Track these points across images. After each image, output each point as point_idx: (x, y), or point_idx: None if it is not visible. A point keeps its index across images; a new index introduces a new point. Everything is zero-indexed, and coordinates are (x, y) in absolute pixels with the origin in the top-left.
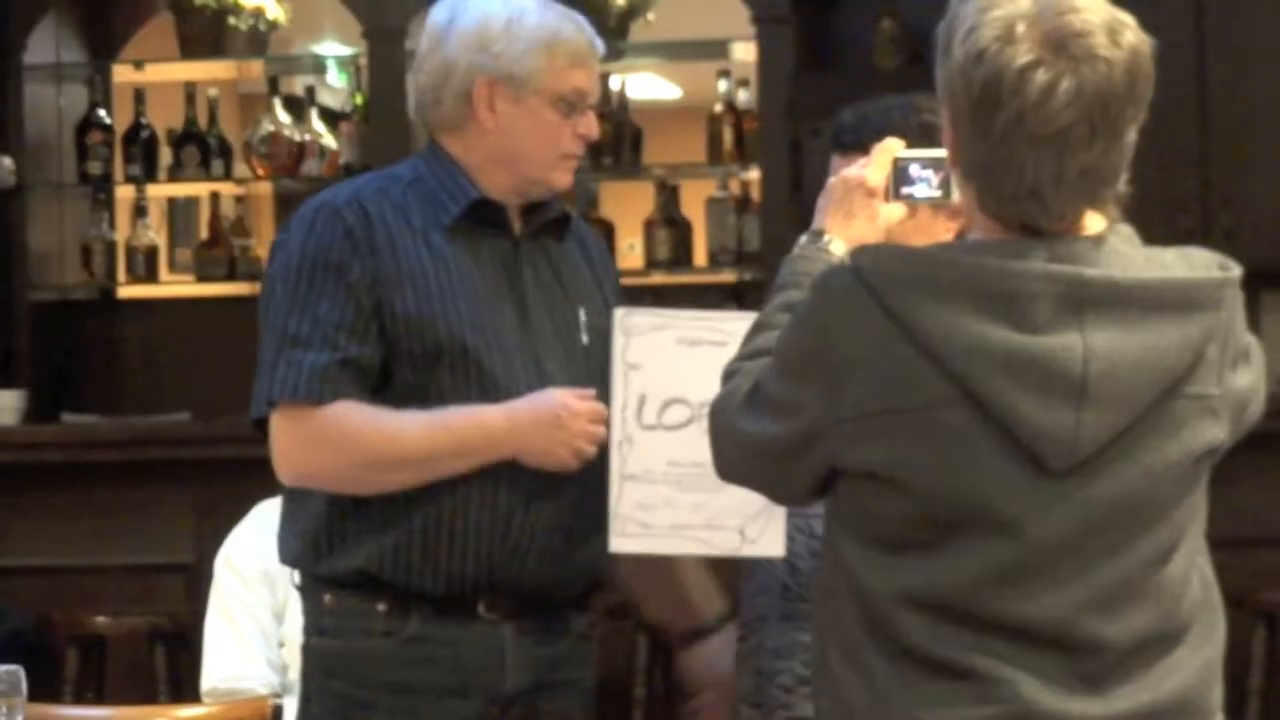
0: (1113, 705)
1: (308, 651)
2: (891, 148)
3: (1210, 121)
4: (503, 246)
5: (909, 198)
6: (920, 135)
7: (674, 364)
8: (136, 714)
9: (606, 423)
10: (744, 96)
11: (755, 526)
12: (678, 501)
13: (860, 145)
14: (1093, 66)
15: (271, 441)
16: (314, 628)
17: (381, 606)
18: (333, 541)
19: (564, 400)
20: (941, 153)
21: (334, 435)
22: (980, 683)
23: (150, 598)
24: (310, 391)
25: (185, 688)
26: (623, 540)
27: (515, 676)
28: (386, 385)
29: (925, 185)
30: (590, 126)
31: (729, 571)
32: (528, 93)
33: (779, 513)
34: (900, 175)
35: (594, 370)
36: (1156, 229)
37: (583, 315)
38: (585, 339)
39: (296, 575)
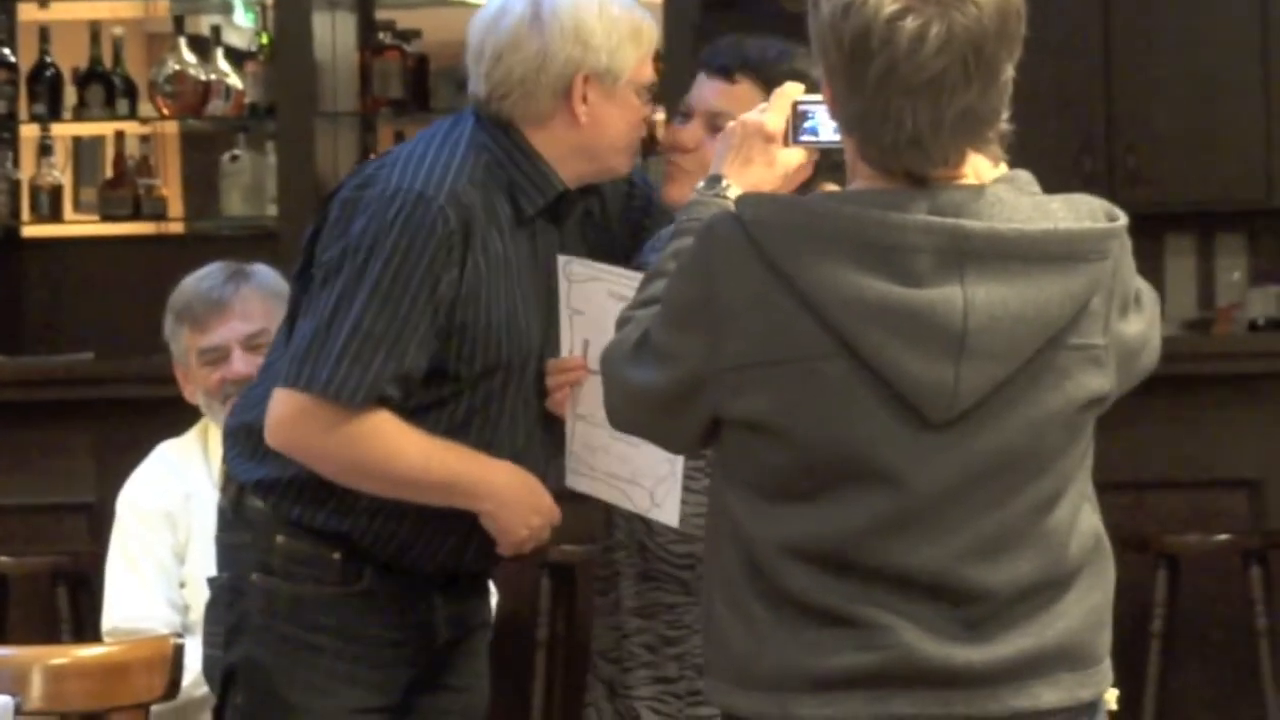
0: (996, 651)
1: (245, 587)
2: (790, 92)
3: (1113, 65)
4: (551, 237)
5: (809, 143)
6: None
7: (610, 315)
8: (38, 653)
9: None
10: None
11: (661, 490)
12: (612, 449)
13: (727, 73)
14: (961, 9)
15: (278, 405)
16: (257, 564)
17: (336, 556)
18: (319, 496)
19: (548, 498)
20: None
21: (339, 431)
22: (863, 630)
23: (52, 537)
24: (357, 398)
25: (87, 627)
26: (574, 478)
27: (446, 630)
28: (434, 380)
29: (826, 129)
30: (657, 111)
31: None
32: (621, 85)
33: (678, 482)
34: (800, 119)
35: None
36: (1061, 172)
37: None
38: None
39: (254, 501)
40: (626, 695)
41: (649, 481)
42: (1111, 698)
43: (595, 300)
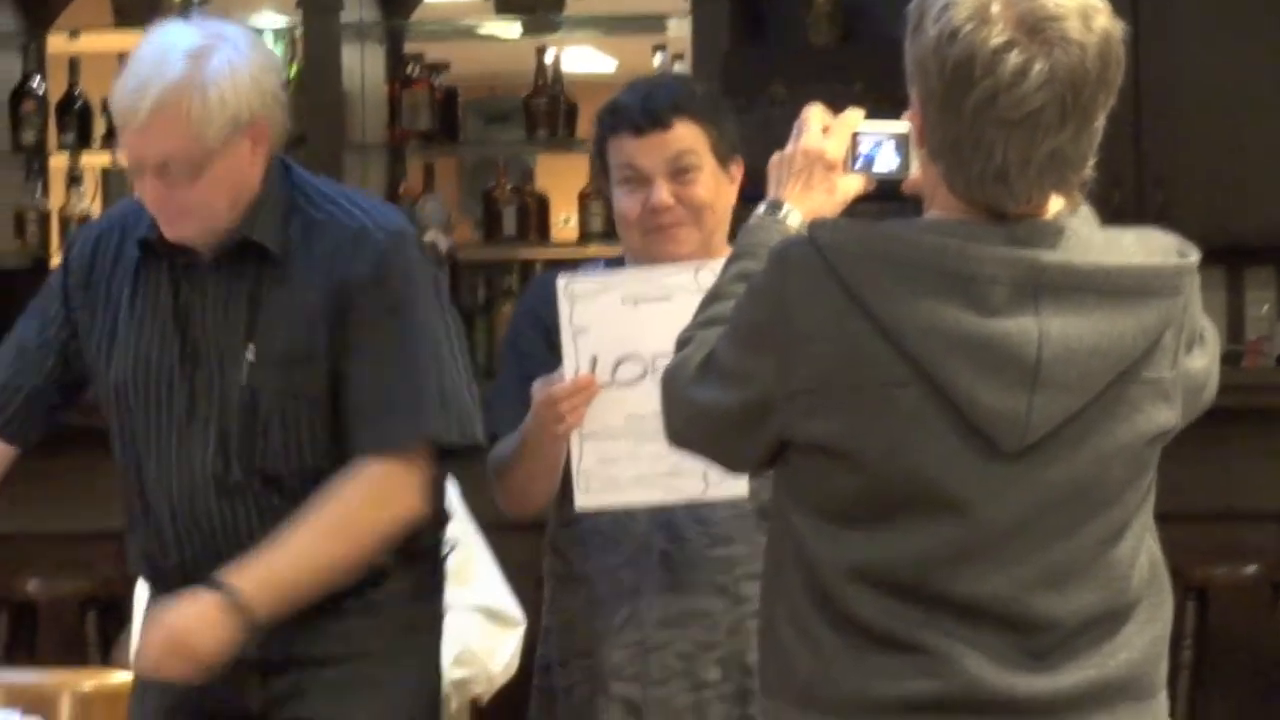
0: (1059, 682)
1: None
2: (852, 120)
3: (1143, 99)
4: (178, 280)
5: (868, 170)
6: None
7: (621, 323)
8: (67, 678)
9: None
10: (678, 70)
11: (717, 470)
12: (639, 453)
13: (664, 123)
14: (1065, 50)
15: None
16: None
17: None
18: None
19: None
20: (902, 126)
21: None
22: (928, 657)
23: (82, 564)
24: None
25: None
26: (587, 496)
27: (260, 648)
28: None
29: (885, 158)
30: (148, 189)
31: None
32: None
33: None
34: (860, 147)
35: (255, 409)
36: (1090, 204)
37: (250, 353)
38: (246, 379)
39: None
40: (660, 708)
41: (699, 465)
42: None
43: (605, 311)
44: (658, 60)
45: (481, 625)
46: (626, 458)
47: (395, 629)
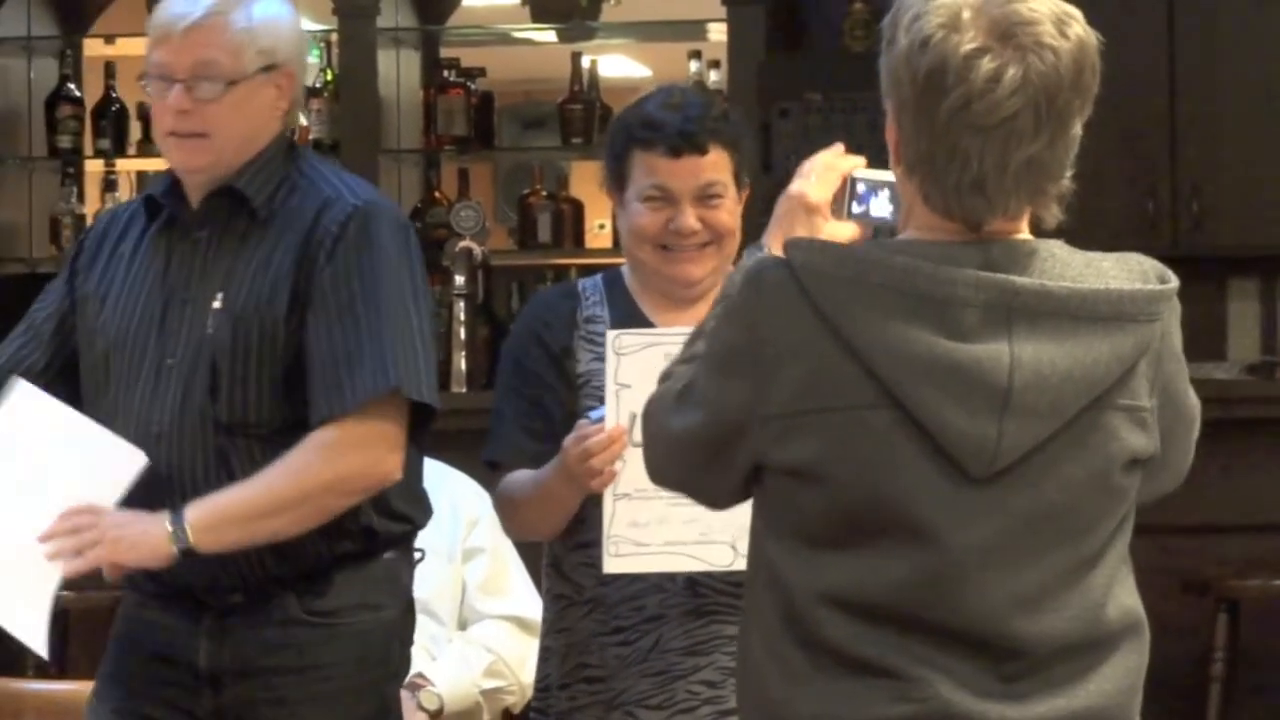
0: (1030, 710)
1: None
2: (843, 165)
3: (1179, 107)
4: (170, 237)
5: (863, 216)
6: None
7: None
8: None
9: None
10: (714, 77)
11: (746, 540)
12: (671, 517)
13: (701, 148)
14: (1039, 55)
15: None
16: None
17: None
18: None
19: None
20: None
21: None
22: (898, 681)
23: None
24: None
25: None
26: (616, 560)
27: (209, 656)
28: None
29: (879, 205)
30: (175, 101)
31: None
32: (146, 76)
33: None
34: (854, 193)
35: (222, 353)
36: (1125, 215)
37: (218, 301)
38: (211, 326)
39: None
40: None
41: (729, 534)
42: None
43: (648, 369)
44: (693, 67)
45: (513, 635)
46: (657, 522)
47: (347, 641)
